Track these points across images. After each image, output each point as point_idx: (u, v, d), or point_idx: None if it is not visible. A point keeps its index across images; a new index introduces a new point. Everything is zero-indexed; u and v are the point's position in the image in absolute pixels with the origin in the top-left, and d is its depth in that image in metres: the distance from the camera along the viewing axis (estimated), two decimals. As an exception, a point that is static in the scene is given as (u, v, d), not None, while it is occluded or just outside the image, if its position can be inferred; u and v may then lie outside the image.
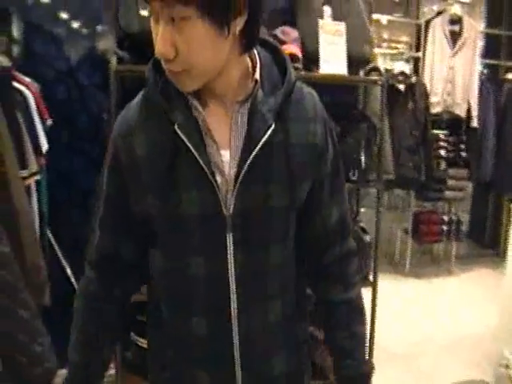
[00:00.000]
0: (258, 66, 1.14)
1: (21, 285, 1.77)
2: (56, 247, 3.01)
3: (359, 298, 1.33)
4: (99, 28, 2.99)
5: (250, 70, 1.14)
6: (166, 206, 1.11)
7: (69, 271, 3.11)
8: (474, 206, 6.12)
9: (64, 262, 3.09)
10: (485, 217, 5.85)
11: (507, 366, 1.76)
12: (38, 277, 2.05)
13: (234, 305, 1.15)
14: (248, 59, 1.14)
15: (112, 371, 3.16)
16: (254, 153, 1.09)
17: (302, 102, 1.18)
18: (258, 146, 1.09)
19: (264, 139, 1.09)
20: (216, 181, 1.09)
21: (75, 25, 2.96)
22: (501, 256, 4.99)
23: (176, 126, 1.07)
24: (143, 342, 3.07)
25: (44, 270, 2.10)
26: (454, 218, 5.21)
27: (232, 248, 1.12)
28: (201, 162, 1.07)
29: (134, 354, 3.16)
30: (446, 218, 5.20)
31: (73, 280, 3.13)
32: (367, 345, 1.36)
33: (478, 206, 6.03)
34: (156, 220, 1.14)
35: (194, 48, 1.01)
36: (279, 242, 1.18)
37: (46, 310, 2.19)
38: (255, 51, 1.15)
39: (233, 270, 1.13)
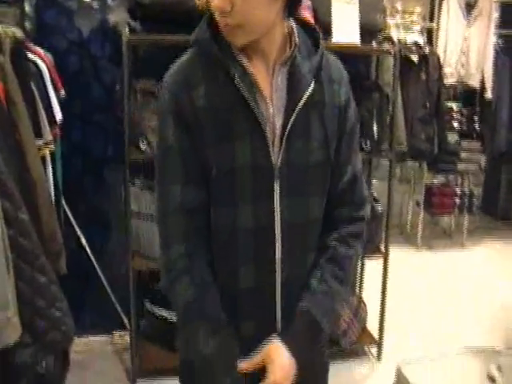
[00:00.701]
0: (296, 32, 1.23)
1: (39, 251, 1.81)
2: (71, 217, 3.06)
3: (349, 260, 1.35)
4: (110, 1, 3.00)
5: (287, 36, 1.23)
6: (222, 157, 1.18)
7: (83, 241, 3.16)
8: (487, 179, 6.10)
9: (79, 232, 3.14)
10: (498, 190, 5.84)
11: (516, 331, 1.78)
12: (55, 244, 2.08)
13: (278, 253, 1.22)
14: (285, 26, 1.22)
15: (127, 338, 3.24)
16: (297, 109, 1.19)
17: (330, 67, 1.29)
18: (301, 103, 1.19)
19: (305, 97, 1.19)
20: (266, 133, 1.18)
21: (87, -2, 2.97)
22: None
23: (236, 79, 1.15)
24: (159, 311, 3.13)
25: (60, 238, 2.14)
26: (466, 190, 5.22)
27: (278, 197, 1.20)
28: (256, 113, 1.16)
29: (149, 322, 3.22)
30: (458, 190, 5.20)
31: (88, 249, 3.19)
32: (338, 312, 1.37)
33: (490, 179, 6.00)
34: (209, 171, 1.19)
35: (250, 3, 1.10)
36: (318, 197, 1.28)
37: (60, 279, 2.23)
38: (291, 20, 1.24)
39: (278, 218, 1.21)
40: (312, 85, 1.20)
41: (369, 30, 2.86)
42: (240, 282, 1.24)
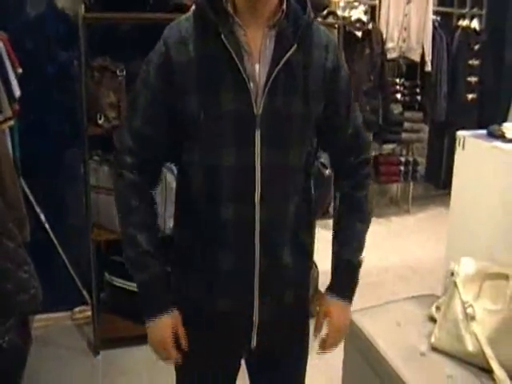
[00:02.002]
0: (285, 0, 1.37)
1: (6, 217, 1.87)
2: (29, 193, 3.09)
3: (365, 201, 1.57)
4: None
5: (279, 2, 1.37)
6: (208, 103, 1.32)
7: (42, 217, 3.20)
8: (429, 149, 6.33)
9: (38, 209, 3.18)
10: (440, 159, 6.04)
11: (452, 274, 1.96)
12: (19, 212, 2.14)
13: (257, 193, 1.35)
14: None
15: (88, 312, 3.31)
16: (279, 66, 1.32)
17: (318, 33, 1.42)
18: (283, 61, 1.32)
19: (287, 56, 1.33)
20: (250, 85, 1.31)
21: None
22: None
23: (223, 36, 1.29)
24: (118, 282, 3.21)
25: (23, 206, 2.20)
26: (410, 159, 5.43)
27: (259, 143, 1.34)
28: (240, 68, 1.30)
29: (109, 294, 3.30)
30: (403, 159, 5.42)
31: (47, 225, 3.23)
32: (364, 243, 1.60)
33: (433, 150, 6.24)
34: (197, 116, 1.33)
35: None
36: (297, 148, 1.40)
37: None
38: None
39: (259, 162, 1.34)
40: (294, 46, 1.33)
41: (314, 6, 2.98)
42: (221, 214, 1.36)
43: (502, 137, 2.45)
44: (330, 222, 3.24)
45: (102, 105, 2.84)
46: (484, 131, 2.60)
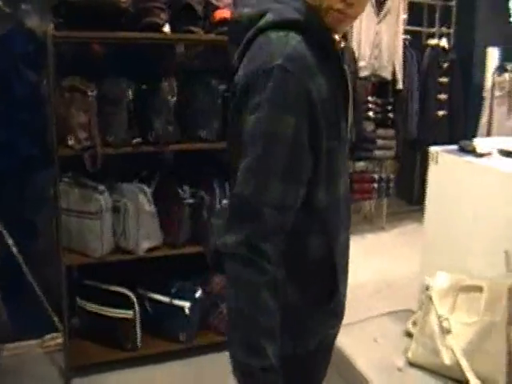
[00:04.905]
0: None
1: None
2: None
3: None
4: (24, 6, 3.01)
5: None
6: (334, 137, 1.22)
7: (11, 242, 3.12)
8: (401, 165, 6.39)
9: (5, 233, 3.10)
10: (412, 176, 6.11)
11: (427, 288, 1.97)
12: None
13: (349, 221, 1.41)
14: None
15: (59, 340, 3.22)
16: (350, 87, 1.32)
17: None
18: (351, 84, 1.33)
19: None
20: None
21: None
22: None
23: (344, 67, 1.27)
24: (91, 306, 3.14)
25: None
26: (383, 176, 5.47)
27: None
28: (350, 98, 1.29)
29: (82, 319, 3.23)
30: (376, 176, 5.44)
31: (15, 250, 3.15)
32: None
33: (405, 167, 6.29)
34: (324, 153, 1.19)
35: None
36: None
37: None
38: None
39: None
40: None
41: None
42: (340, 245, 1.33)
43: (473, 152, 2.48)
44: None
45: (72, 125, 2.80)
46: (455, 146, 2.63)
